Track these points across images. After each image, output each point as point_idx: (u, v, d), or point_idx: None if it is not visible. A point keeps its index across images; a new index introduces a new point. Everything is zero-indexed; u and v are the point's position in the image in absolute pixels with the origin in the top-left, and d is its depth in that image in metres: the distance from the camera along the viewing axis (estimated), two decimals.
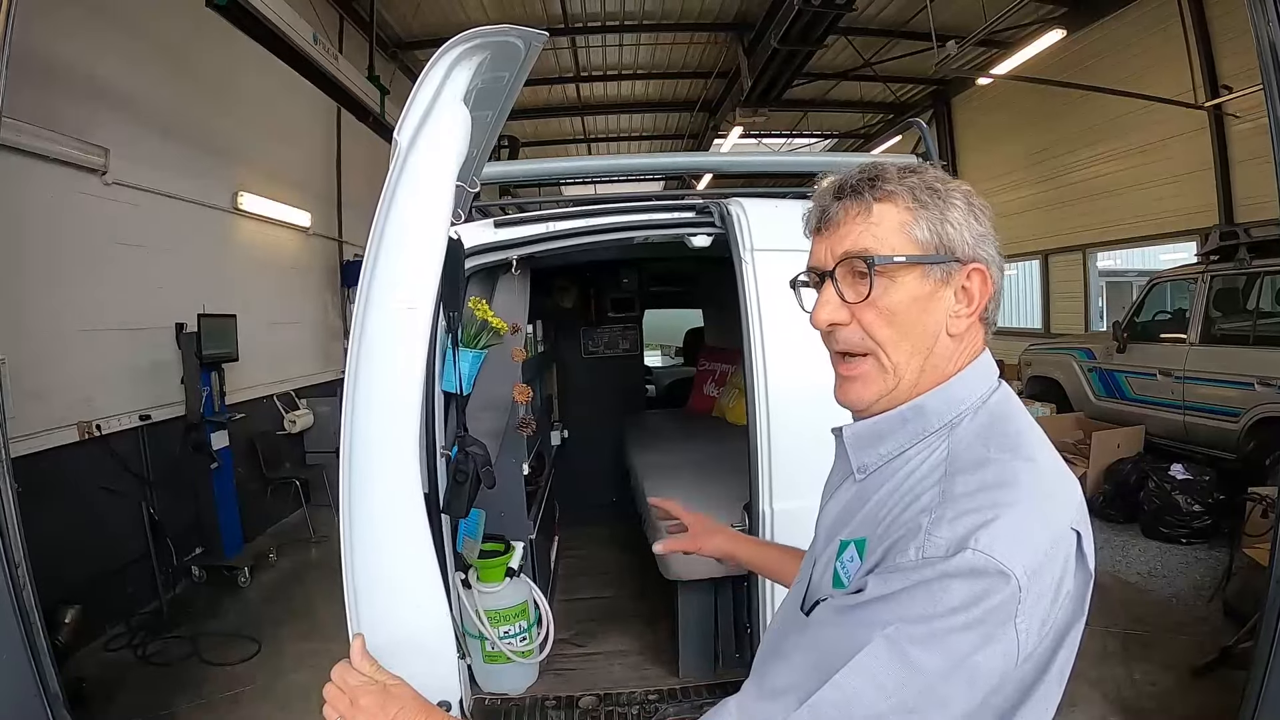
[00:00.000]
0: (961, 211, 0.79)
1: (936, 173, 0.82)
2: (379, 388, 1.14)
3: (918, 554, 0.67)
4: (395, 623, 1.12)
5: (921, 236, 0.78)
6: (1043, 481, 0.72)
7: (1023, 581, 0.64)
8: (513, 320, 2.60)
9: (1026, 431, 0.77)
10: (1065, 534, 0.70)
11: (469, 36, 1.09)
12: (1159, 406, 5.92)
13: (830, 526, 0.88)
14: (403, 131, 1.14)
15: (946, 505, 0.69)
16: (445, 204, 1.20)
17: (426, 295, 1.17)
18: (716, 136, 12.73)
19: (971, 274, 0.79)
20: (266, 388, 6.00)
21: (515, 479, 2.73)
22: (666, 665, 2.81)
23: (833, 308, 0.81)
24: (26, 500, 3.09)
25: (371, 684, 0.97)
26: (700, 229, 2.41)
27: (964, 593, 0.64)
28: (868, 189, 0.80)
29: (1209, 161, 7.43)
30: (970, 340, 0.81)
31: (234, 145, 5.76)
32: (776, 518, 2.15)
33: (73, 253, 4.04)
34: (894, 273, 0.78)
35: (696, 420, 4.79)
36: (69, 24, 3.99)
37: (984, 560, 0.64)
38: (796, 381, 2.17)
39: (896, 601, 0.66)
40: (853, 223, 0.80)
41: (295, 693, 3.39)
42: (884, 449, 0.82)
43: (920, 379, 0.80)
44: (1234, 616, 3.62)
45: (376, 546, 1.14)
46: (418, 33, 8.98)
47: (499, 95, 1.29)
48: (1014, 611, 0.64)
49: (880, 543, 0.73)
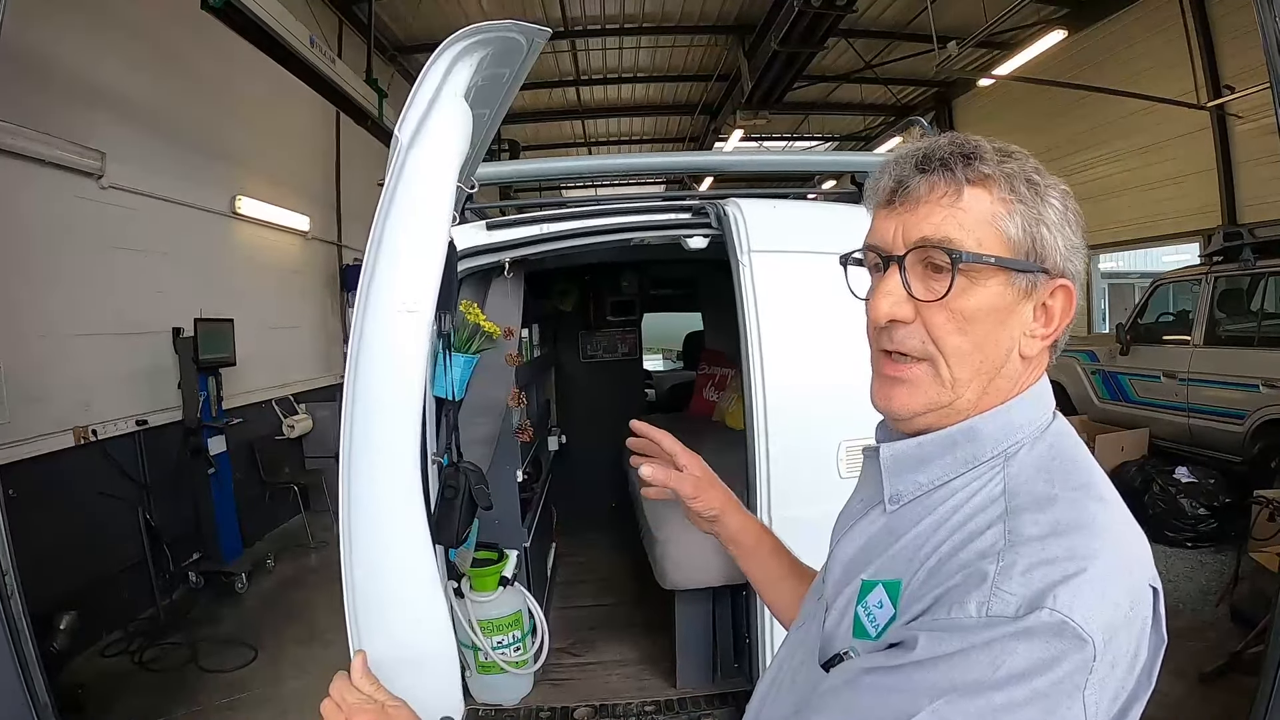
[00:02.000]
0: (1058, 213, 0.68)
1: (1035, 162, 0.71)
2: (378, 392, 1.11)
3: (980, 611, 0.56)
4: (396, 637, 1.08)
5: (1014, 235, 0.67)
6: (1119, 528, 0.62)
7: (1099, 648, 0.55)
8: (506, 324, 2.57)
9: (1093, 469, 0.67)
10: (1144, 592, 0.61)
11: (472, 31, 1.06)
12: (1163, 409, 5.88)
13: (848, 564, 0.75)
14: (403, 128, 1.11)
15: (1016, 551, 0.58)
16: (446, 203, 1.17)
17: (426, 298, 1.14)
18: (717, 140, 12.72)
19: (1057, 291, 0.68)
20: (265, 392, 5.97)
21: (509, 486, 2.70)
22: (664, 675, 2.77)
23: (896, 300, 0.69)
24: (23, 506, 3.09)
25: (369, 703, 0.93)
26: (697, 230, 2.38)
27: (1030, 658, 0.54)
28: (960, 166, 0.67)
29: (1212, 162, 7.41)
30: (1037, 362, 0.71)
31: (232, 149, 5.75)
32: (775, 525, 2.10)
33: (69, 257, 4.03)
34: (977, 274, 0.66)
35: (696, 424, 4.74)
36: (66, 28, 3.98)
37: (1060, 621, 0.54)
38: (796, 386, 2.14)
39: (950, 665, 0.56)
40: (937, 203, 0.68)
41: (292, 699, 3.37)
42: (924, 477, 0.71)
43: (980, 401, 0.69)
44: (1242, 621, 3.58)
45: (377, 558, 1.11)
46: (417, 36, 8.99)
47: (498, 93, 1.26)
48: (1083, 682, 0.55)
49: (926, 590, 0.62)
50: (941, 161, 0.68)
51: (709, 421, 4.72)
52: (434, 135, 1.12)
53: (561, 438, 4.27)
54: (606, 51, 10.26)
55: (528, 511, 2.95)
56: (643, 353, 5.37)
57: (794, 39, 7.79)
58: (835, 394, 1.78)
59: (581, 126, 13.08)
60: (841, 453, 2.12)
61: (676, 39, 9.89)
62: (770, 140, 13.99)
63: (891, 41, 9.61)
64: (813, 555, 1.24)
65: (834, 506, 1.41)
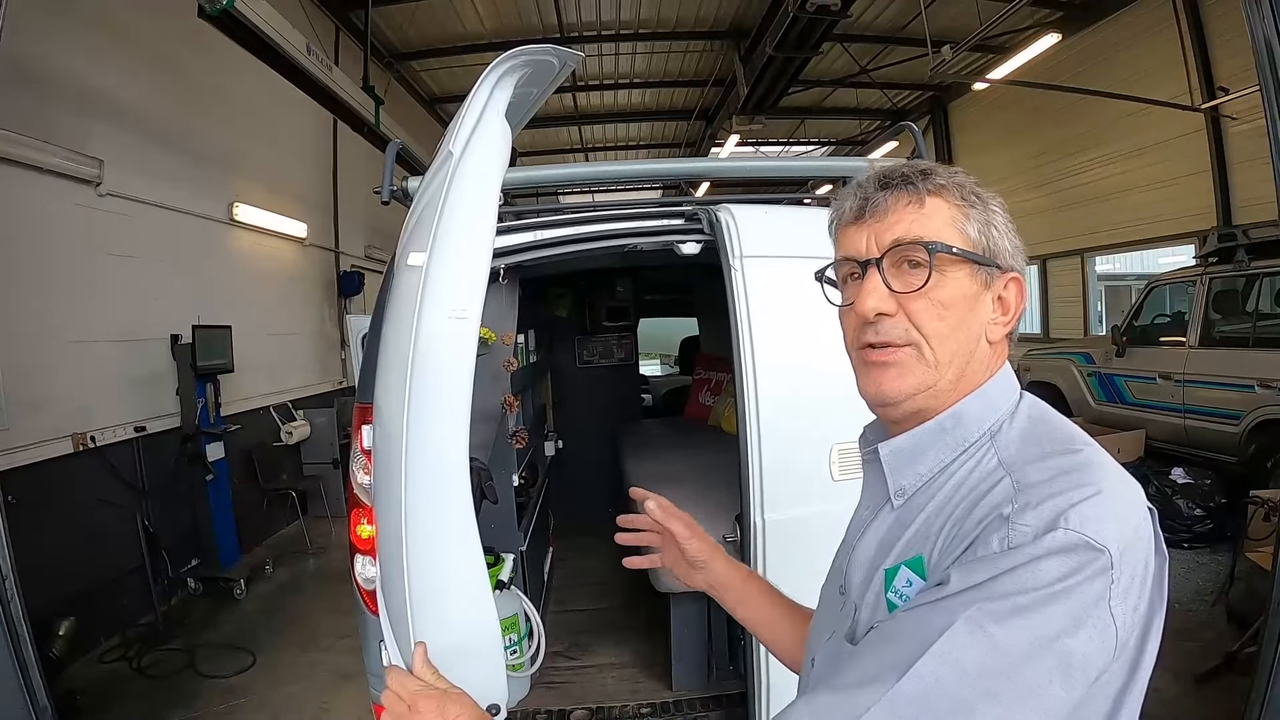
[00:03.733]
0: (1002, 219, 0.79)
1: (974, 178, 0.81)
2: (433, 397, 1.15)
3: (1002, 545, 0.63)
4: (448, 628, 1.12)
5: (973, 235, 0.77)
6: (1111, 463, 0.69)
7: (1116, 559, 0.61)
8: (501, 330, 2.59)
9: (1069, 425, 0.75)
10: (1146, 513, 0.68)
11: (515, 54, 1.13)
12: (1159, 410, 5.89)
13: (868, 564, 0.80)
14: (455, 142, 1.17)
15: (1027, 494, 0.65)
16: (492, 213, 1.22)
17: (475, 303, 1.18)
18: (714, 145, 12.75)
19: (1010, 283, 0.78)
20: (263, 399, 5.99)
21: (505, 490, 2.72)
22: (660, 678, 2.78)
23: (880, 296, 0.76)
24: (21, 512, 3.09)
25: (431, 690, 0.96)
26: (689, 236, 2.39)
27: (1055, 571, 0.60)
28: (919, 179, 0.78)
29: (1206, 164, 7.43)
30: (999, 349, 0.80)
31: (230, 156, 5.77)
32: (768, 528, 2.13)
33: (67, 264, 4.05)
34: (947, 266, 0.75)
35: (692, 429, 4.77)
36: (65, 36, 4.00)
37: (1076, 537, 0.61)
38: (788, 389, 2.15)
39: (981, 589, 0.62)
40: (903, 211, 0.77)
41: (291, 705, 3.38)
42: (923, 467, 0.78)
43: (958, 384, 0.77)
44: (1237, 622, 3.58)
45: (433, 553, 1.14)
46: (414, 43, 9.02)
47: (522, 110, 1.31)
48: (1108, 592, 0.61)
49: (949, 552, 0.68)
50: (903, 177, 0.78)
51: (704, 425, 4.74)
52: (480, 150, 1.18)
53: (558, 443, 4.28)
54: (603, 57, 10.30)
55: (524, 516, 2.97)
56: (638, 357, 5.39)
57: (789, 44, 7.81)
58: (828, 397, 1.81)
59: (579, 132, 13.11)
60: (834, 456, 2.14)
61: (672, 45, 9.93)
62: (766, 145, 14.04)
63: (886, 46, 9.64)
64: (809, 556, 1.24)
65: (827, 508, 1.43)
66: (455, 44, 9.10)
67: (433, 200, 1.17)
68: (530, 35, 8.65)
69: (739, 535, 2.20)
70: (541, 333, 4.22)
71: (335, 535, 5.81)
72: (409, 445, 1.13)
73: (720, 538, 1.89)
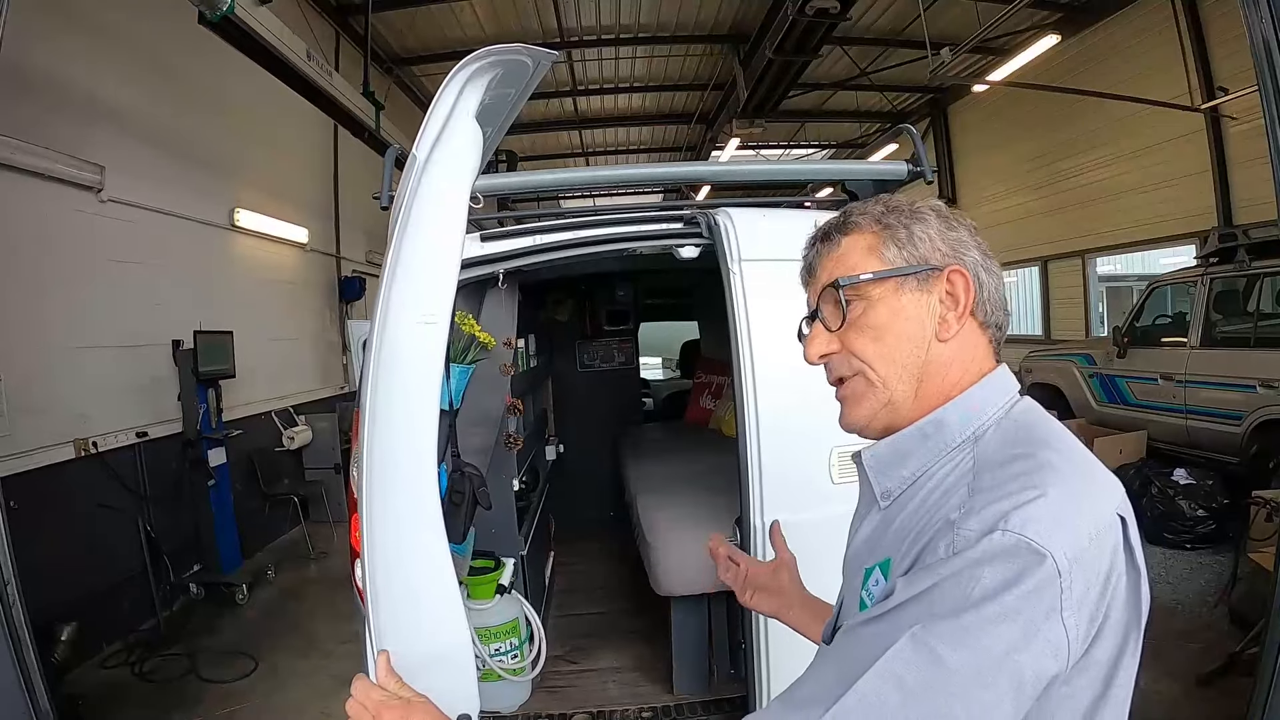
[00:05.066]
0: (935, 224, 0.81)
1: (906, 197, 0.86)
2: (398, 402, 1.15)
3: (948, 550, 0.64)
4: (417, 637, 1.11)
5: (890, 254, 0.81)
6: (1080, 468, 0.68)
7: (1064, 567, 0.59)
8: (501, 335, 2.59)
9: (1056, 431, 0.75)
10: (1110, 521, 0.66)
11: (483, 54, 1.11)
12: (1161, 411, 5.88)
13: (853, 562, 0.86)
14: (420, 146, 1.16)
15: (976, 496, 0.66)
16: (461, 218, 1.21)
17: (444, 309, 1.18)
18: (714, 148, 12.76)
19: (952, 276, 0.80)
20: (265, 404, 6.00)
21: (505, 495, 2.72)
22: (660, 682, 2.78)
23: (821, 340, 0.84)
24: (24, 518, 3.10)
25: (394, 699, 0.95)
26: (688, 239, 2.40)
27: (995, 578, 0.59)
28: (837, 230, 0.85)
29: (1207, 164, 7.42)
30: (969, 343, 0.80)
31: (231, 162, 5.79)
32: (768, 531, 2.13)
33: (68, 270, 4.06)
34: (867, 291, 0.80)
35: (693, 432, 4.77)
36: (66, 42, 4.02)
37: (1014, 540, 0.60)
38: (787, 392, 2.15)
39: (926, 600, 0.62)
40: (826, 261, 0.85)
41: (292, 710, 3.37)
42: (906, 470, 0.80)
43: (921, 389, 0.79)
44: (1240, 623, 3.57)
45: (398, 560, 1.14)
46: (414, 48, 9.04)
47: (501, 112, 1.31)
48: (1058, 604, 0.59)
49: (907, 557, 0.70)
50: (823, 234, 0.87)
51: (705, 429, 4.74)
52: (448, 153, 1.17)
53: (559, 447, 4.28)
54: (603, 62, 10.32)
55: (524, 520, 2.97)
56: (639, 361, 5.39)
57: (789, 47, 7.83)
58: (827, 401, 1.80)
59: (579, 136, 13.13)
60: (834, 459, 2.14)
61: (672, 49, 9.94)
62: (766, 148, 14.04)
63: (886, 48, 9.63)
64: (807, 557, 1.27)
65: (827, 511, 1.43)
66: (455, 49, 9.09)
67: (401, 205, 1.17)
68: (530, 40, 8.62)
69: (739, 538, 2.20)
70: (542, 337, 4.22)
71: (337, 540, 5.80)
72: (371, 450, 1.12)
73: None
